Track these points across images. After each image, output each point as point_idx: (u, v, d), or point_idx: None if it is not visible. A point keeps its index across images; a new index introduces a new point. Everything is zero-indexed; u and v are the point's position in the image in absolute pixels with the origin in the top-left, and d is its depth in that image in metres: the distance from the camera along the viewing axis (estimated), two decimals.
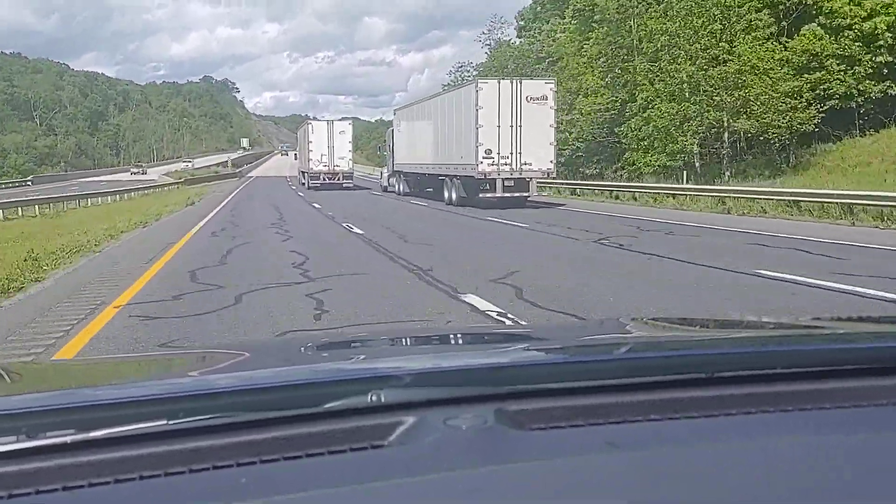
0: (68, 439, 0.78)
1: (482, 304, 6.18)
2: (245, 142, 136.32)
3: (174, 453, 0.79)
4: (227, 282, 7.58)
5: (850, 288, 6.62)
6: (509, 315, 5.75)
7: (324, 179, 36.57)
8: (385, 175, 34.30)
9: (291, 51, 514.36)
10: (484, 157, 20.64)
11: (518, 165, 20.83)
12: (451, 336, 2.02)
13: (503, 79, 20.72)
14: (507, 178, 21.06)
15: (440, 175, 25.25)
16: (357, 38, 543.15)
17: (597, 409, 0.91)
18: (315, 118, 40.15)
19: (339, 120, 38.58)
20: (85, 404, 0.88)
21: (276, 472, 0.77)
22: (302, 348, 1.59)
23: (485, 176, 20.72)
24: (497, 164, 20.70)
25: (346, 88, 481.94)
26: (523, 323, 5.53)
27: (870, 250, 9.93)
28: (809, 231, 12.50)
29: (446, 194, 23.66)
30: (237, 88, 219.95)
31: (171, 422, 0.82)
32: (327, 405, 0.87)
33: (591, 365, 1.07)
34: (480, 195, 21.15)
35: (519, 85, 20.66)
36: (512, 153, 20.76)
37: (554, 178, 22.66)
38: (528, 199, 21.82)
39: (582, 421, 0.88)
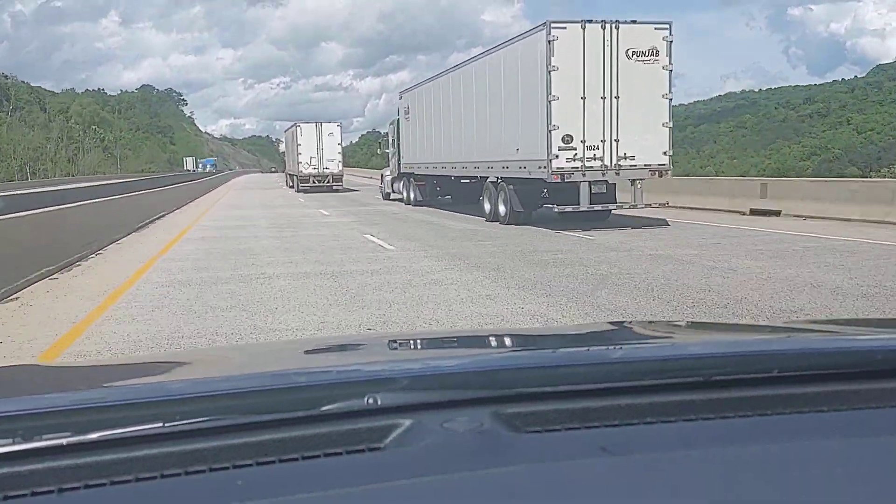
0: (64, 441, 0.80)
1: None
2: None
3: (170, 455, 0.81)
4: None
5: None
6: None
7: (313, 182, 36.72)
8: (388, 179, 27.24)
9: (247, 77, 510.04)
10: (561, 148, 13.74)
11: (614, 160, 13.99)
12: (448, 339, 2.01)
13: (590, 22, 13.92)
14: (597, 181, 14.20)
15: (475, 178, 18.39)
16: (313, 63, 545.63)
17: (592, 413, 0.94)
18: (299, 122, 39.49)
19: (328, 122, 39.26)
20: (80, 406, 0.90)
21: (272, 475, 0.80)
22: (298, 351, 1.67)
23: (562, 177, 13.81)
24: (581, 159, 13.82)
25: (303, 114, 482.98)
26: (520, 326, 5.41)
27: None
28: None
29: (488, 206, 16.69)
30: (184, 101, 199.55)
31: (166, 424, 0.84)
32: (324, 408, 0.89)
33: (587, 368, 1.09)
34: (557, 208, 14.21)
35: (615, 31, 13.87)
36: (605, 141, 13.94)
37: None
38: (612, 211, 15.15)
39: (578, 424, 0.91)
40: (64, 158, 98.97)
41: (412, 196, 23.34)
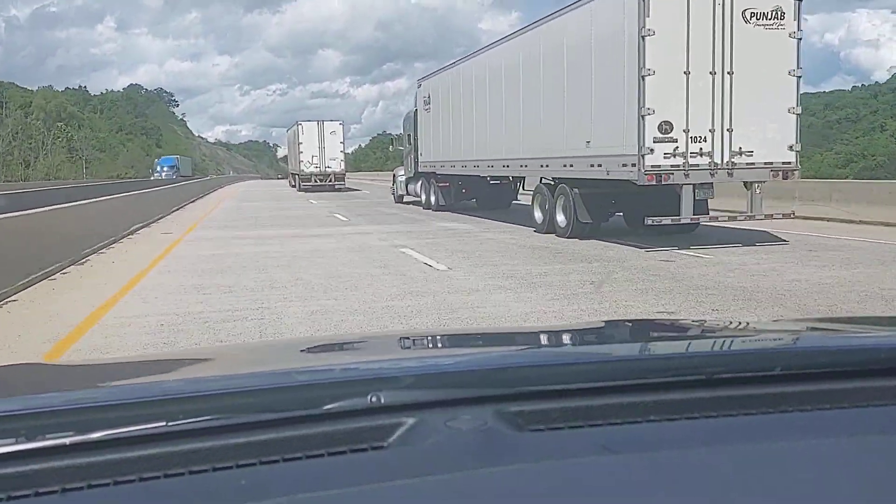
0: (67, 441, 0.80)
1: None
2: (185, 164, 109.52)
3: (173, 455, 0.81)
4: None
5: None
6: None
7: (315, 181, 36.82)
8: (401, 179, 23.90)
9: (243, 83, 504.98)
10: (657, 140, 10.40)
11: (726, 157, 10.66)
12: (451, 337, 2.02)
13: None
14: (703, 185, 10.83)
15: (506, 179, 15.11)
16: (310, 70, 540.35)
17: (595, 411, 0.94)
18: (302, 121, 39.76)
19: (330, 120, 38.96)
20: (84, 406, 0.90)
21: (275, 474, 0.80)
22: (302, 350, 1.65)
23: (658, 178, 10.45)
24: (684, 155, 10.48)
25: (299, 121, 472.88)
26: (523, 325, 5.51)
27: None
28: None
29: (539, 214, 13.45)
30: (175, 101, 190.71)
31: (170, 423, 0.84)
32: (327, 406, 0.90)
33: (591, 366, 1.10)
34: (651, 221, 10.83)
35: None
36: (713, 131, 10.60)
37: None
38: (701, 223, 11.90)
39: (581, 422, 0.92)
40: (18, 160, 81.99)
41: (434, 199, 20.03)
